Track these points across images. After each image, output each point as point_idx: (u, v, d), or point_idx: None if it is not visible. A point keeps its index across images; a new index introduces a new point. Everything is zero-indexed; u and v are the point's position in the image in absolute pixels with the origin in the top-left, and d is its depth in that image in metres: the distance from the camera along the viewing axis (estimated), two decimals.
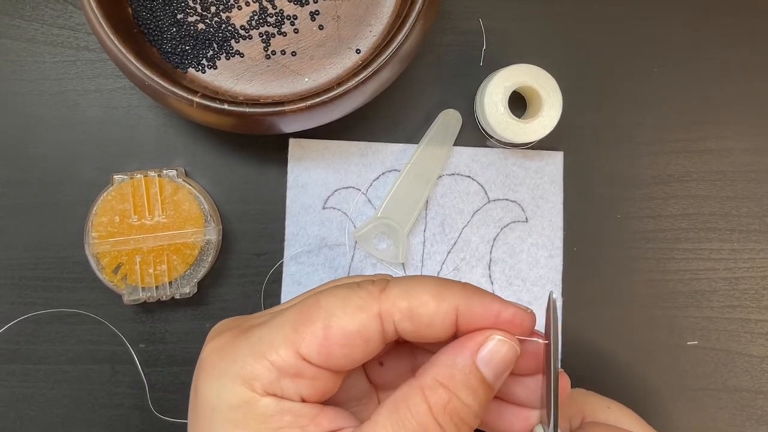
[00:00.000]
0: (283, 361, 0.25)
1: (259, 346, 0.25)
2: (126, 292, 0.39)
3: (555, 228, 0.43)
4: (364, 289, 0.26)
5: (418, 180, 0.42)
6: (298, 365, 0.25)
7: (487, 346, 0.26)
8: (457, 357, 0.26)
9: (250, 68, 0.40)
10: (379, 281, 0.27)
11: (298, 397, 0.26)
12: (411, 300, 0.26)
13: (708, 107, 0.44)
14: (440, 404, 0.25)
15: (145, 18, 0.40)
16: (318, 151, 0.42)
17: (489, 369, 0.26)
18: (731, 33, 0.44)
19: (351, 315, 0.25)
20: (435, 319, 0.26)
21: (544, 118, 0.40)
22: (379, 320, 0.25)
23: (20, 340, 0.42)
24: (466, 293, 0.26)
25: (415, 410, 0.25)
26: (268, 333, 0.26)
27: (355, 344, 0.25)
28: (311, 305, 0.26)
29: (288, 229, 0.42)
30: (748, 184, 0.44)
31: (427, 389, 0.25)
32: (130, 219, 0.39)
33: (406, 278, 0.27)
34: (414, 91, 0.43)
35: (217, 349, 0.27)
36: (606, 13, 0.44)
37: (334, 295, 0.26)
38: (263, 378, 0.25)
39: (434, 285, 0.26)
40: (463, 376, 0.25)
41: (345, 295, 0.26)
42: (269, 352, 0.25)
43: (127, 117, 0.42)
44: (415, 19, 0.36)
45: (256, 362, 0.25)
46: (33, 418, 0.42)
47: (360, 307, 0.25)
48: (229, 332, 0.27)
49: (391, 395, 0.26)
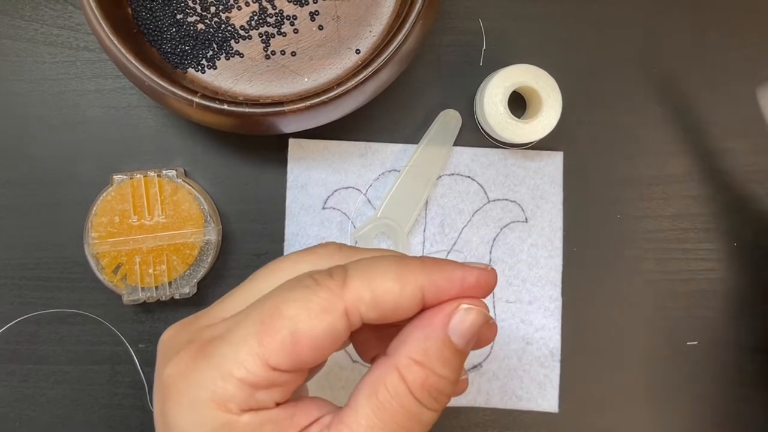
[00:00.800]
0: (255, 377, 0.24)
1: (226, 365, 0.24)
2: (126, 293, 0.39)
3: (555, 228, 0.43)
4: (325, 288, 0.25)
5: (418, 180, 0.42)
6: (269, 376, 0.24)
7: (457, 316, 0.26)
8: (428, 332, 0.25)
9: (250, 68, 0.40)
10: (336, 273, 0.26)
11: (273, 403, 0.25)
12: (374, 290, 0.25)
13: (708, 107, 0.44)
14: (418, 382, 0.25)
15: (145, 18, 0.40)
16: (318, 151, 0.42)
17: (460, 337, 0.26)
18: (731, 33, 0.44)
19: (317, 318, 0.24)
20: (400, 302, 0.25)
21: (543, 118, 0.40)
22: (345, 317, 0.25)
23: (20, 340, 0.42)
24: (427, 269, 0.26)
25: (393, 391, 0.25)
26: (230, 349, 0.25)
27: (324, 345, 0.25)
28: (272, 314, 0.25)
29: (288, 229, 0.42)
30: (748, 184, 0.44)
31: (402, 368, 0.25)
32: (130, 219, 0.39)
33: (363, 263, 0.26)
34: (414, 92, 0.43)
35: (180, 373, 0.25)
36: (606, 13, 0.44)
37: (294, 299, 0.25)
38: (237, 397, 0.24)
39: (394, 267, 0.26)
40: (437, 350, 0.25)
41: (306, 297, 0.25)
42: (238, 369, 0.24)
43: (126, 117, 0.43)
44: (415, 20, 0.36)
45: (227, 383, 0.24)
46: (33, 418, 0.42)
47: (324, 309, 0.25)
48: (186, 350, 0.26)
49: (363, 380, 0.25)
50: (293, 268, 0.28)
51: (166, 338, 0.28)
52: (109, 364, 0.42)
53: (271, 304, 0.25)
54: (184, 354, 0.25)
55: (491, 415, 0.42)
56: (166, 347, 0.27)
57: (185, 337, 0.27)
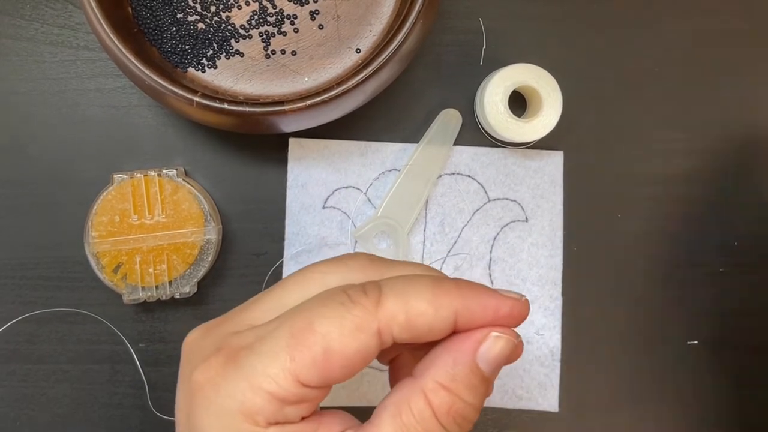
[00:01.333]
0: (285, 392, 0.24)
1: (256, 378, 0.24)
2: (126, 292, 0.39)
3: (555, 227, 0.43)
4: (359, 306, 0.25)
5: (418, 179, 0.42)
6: (298, 392, 0.24)
7: (486, 344, 0.26)
8: (457, 357, 0.25)
9: (250, 68, 0.40)
10: (370, 290, 0.25)
11: (298, 418, 0.25)
12: (408, 312, 0.25)
13: (707, 107, 0.44)
14: (444, 407, 0.25)
15: (145, 17, 0.40)
16: (318, 150, 0.42)
17: (488, 365, 0.26)
18: (731, 33, 0.44)
19: (350, 336, 0.24)
20: (433, 326, 0.25)
21: (544, 118, 0.40)
22: (378, 336, 0.25)
23: (20, 339, 0.42)
24: (462, 294, 0.26)
25: (419, 415, 0.25)
26: (261, 361, 0.24)
27: (355, 362, 0.25)
28: (304, 329, 0.25)
29: (288, 228, 0.42)
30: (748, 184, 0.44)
31: (429, 392, 0.25)
32: (130, 218, 0.39)
33: (399, 282, 0.26)
34: (414, 91, 0.43)
35: (209, 379, 0.25)
36: (606, 12, 0.44)
37: (328, 315, 0.25)
38: (265, 411, 0.24)
39: (429, 289, 0.25)
40: (464, 376, 0.25)
41: (340, 314, 0.25)
42: (268, 383, 0.24)
43: (127, 116, 0.43)
44: (415, 19, 0.36)
45: (256, 396, 0.24)
46: (33, 417, 0.42)
47: (358, 327, 0.24)
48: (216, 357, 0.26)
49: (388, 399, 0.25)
50: (323, 279, 0.28)
51: (191, 341, 0.28)
52: (109, 363, 0.42)
53: (303, 318, 0.25)
54: (214, 361, 0.25)
55: (491, 414, 0.42)
56: (192, 351, 0.27)
57: (213, 342, 0.27)
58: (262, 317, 0.27)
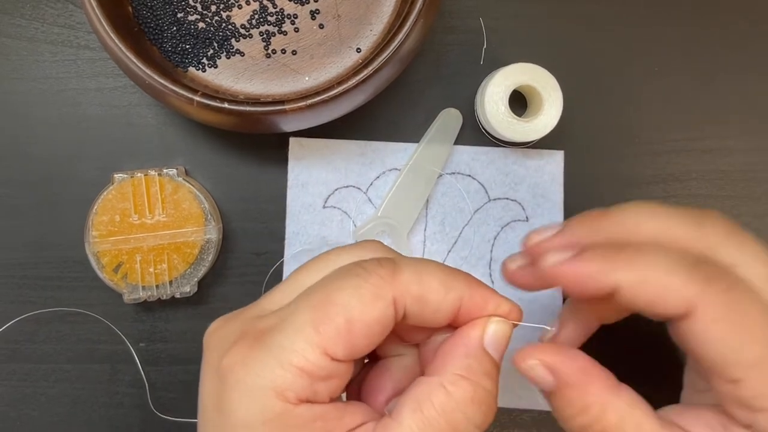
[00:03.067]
0: (314, 365, 0.25)
1: (285, 354, 0.25)
2: (126, 291, 0.39)
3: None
4: (375, 275, 0.25)
5: (419, 179, 0.42)
6: (326, 366, 0.25)
7: (490, 330, 0.27)
8: (468, 348, 0.26)
9: (251, 67, 0.40)
10: (385, 262, 0.26)
11: (327, 398, 0.26)
12: (422, 286, 0.26)
13: (708, 107, 0.44)
14: (467, 397, 0.25)
15: (146, 17, 0.40)
16: (318, 150, 0.42)
17: (495, 350, 0.27)
18: (731, 33, 0.44)
19: (369, 305, 0.25)
20: (442, 305, 0.26)
21: (544, 117, 0.40)
22: (394, 305, 0.25)
23: (20, 339, 0.42)
24: (470, 284, 0.27)
25: (440, 408, 0.25)
26: (288, 338, 0.25)
27: (375, 332, 0.25)
28: (325, 301, 0.25)
29: (288, 228, 0.42)
30: (748, 184, 0.44)
31: (449, 385, 0.25)
32: (131, 218, 0.39)
33: (414, 261, 0.27)
34: (414, 90, 0.43)
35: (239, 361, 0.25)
36: (606, 12, 0.44)
37: (346, 286, 0.25)
38: (296, 386, 0.25)
39: (442, 272, 0.27)
40: (479, 363, 0.26)
41: (358, 284, 0.25)
42: (297, 358, 0.24)
43: (127, 116, 0.43)
44: (416, 18, 0.36)
45: (286, 372, 0.24)
46: (33, 417, 0.42)
47: (376, 295, 0.25)
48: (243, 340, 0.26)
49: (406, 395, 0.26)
50: (336, 261, 0.28)
51: (214, 330, 0.28)
52: (109, 363, 0.42)
53: (322, 292, 0.26)
54: (242, 344, 0.26)
55: None
56: (217, 339, 0.27)
57: (236, 328, 0.27)
58: (282, 301, 0.27)
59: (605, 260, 0.27)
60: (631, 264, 0.27)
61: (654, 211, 0.29)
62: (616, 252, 0.27)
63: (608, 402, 0.27)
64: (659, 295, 0.26)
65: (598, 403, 0.27)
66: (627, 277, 0.27)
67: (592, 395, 0.27)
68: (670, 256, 0.27)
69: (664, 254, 0.27)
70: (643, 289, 0.27)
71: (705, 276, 0.26)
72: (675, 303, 0.26)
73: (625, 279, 0.27)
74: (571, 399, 0.28)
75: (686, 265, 0.26)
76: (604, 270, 0.27)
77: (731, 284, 0.26)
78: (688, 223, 0.29)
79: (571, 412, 0.28)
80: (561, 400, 0.28)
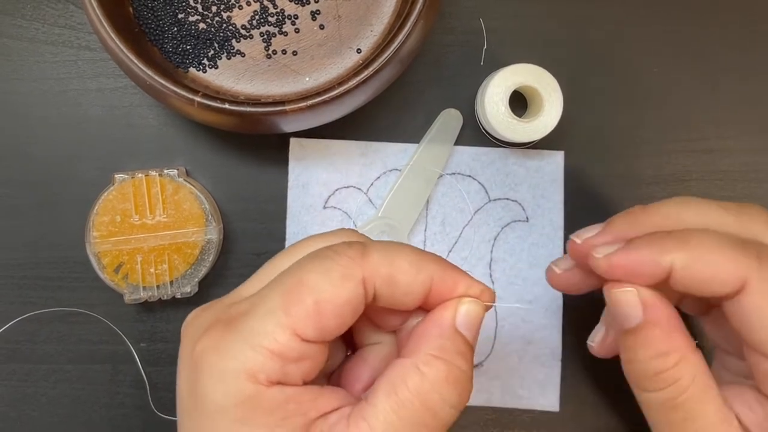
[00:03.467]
0: (284, 346, 0.25)
1: (255, 337, 0.25)
2: (127, 292, 0.39)
3: (555, 227, 0.43)
4: (344, 256, 0.26)
5: (419, 179, 0.42)
6: (297, 347, 0.25)
7: (462, 310, 0.27)
8: (441, 329, 0.27)
9: (251, 68, 0.40)
10: (355, 245, 0.26)
11: (300, 380, 0.26)
12: (392, 267, 0.26)
13: (708, 107, 0.44)
14: (442, 377, 0.25)
15: (147, 17, 0.40)
16: (319, 150, 0.42)
17: (468, 330, 0.27)
18: (731, 33, 0.44)
19: (339, 286, 0.25)
20: (413, 287, 0.26)
21: (544, 118, 0.40)
22: (363, 286, 0.26)
23: (21, 339, 0.42)
24: (441, 265, 0.27)
25: (415, 389, 0.25)
26: (259, 321, 0.25)
27: (346, 313, 0.26)
28: (295, 284, 0.25)
29: (289, 228, 0.42)
30: (748, 184, 0.44)
31: (423, 365, 0.26)
32: (132, 218, 0.39)
33: (384, 243, 0.27)
34: (415, 91, 0.43)
35: (211, 346, 0.26)
36: (606, 13, 0.44)
37: (316, 268, 0.26)
38: (267, 368, 0.25)
39: (413, 253, 0.27)
40: (452, 343, 0.26)
41: (327, 266, 0.26)
42: (267, 340, 0.25)
43: (128, 116, 0.43)
44: (416, 19, 0.36)
45: (257, 354, 0.25)
46: (34, 417, 0.42)
47: (345, 276, 0.25)
48: (215, 327, 0.26)
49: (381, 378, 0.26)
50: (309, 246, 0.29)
51: (190, 320, 0.29)
52: (110, 363, 0.42)
53: (293, 275, 0.26)
54: (213, 330, 0.26)
55: (492, 414, 0.42)
56: (192, 328, 0.28)
57: (211, 316, 0.27)
58: (256, 288, 0.28)
59: (656, 245, 0.28)
60: (683, 244, 0.27)
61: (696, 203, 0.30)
62: (666, 236, 0.28)
63: (688, 355, 0.27)
64: (713, 272, 0.27)
65: (679, 352, 0.27)
66: (680, 258, 0.27)
67: (676, 342, 0.27)
68: (720, 236, 0.27)
69: (713, 234, 0.28)
70: (697, 267, 0.27)
71: (756, 253, 0.27)
72: (728, 279, 0.27)
73: (679, 259, 0.27)
74: (654, 340, 0.28)
75: (737, 243, 0.27)
76: (657, 254, 0.27)
77: None
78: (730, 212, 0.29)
79: (649, 354, 0.28)
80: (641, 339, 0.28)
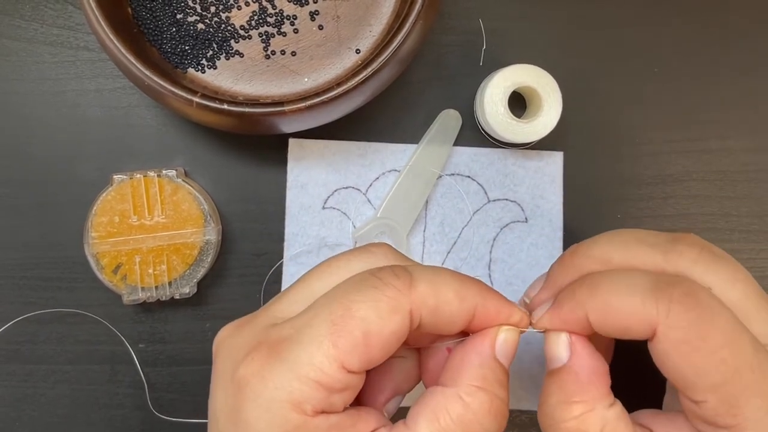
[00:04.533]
0: (331, 379, 0.25)
1: (302, 368, 0.25)
2: (126, 292, 0.39)
3: (555, 228, 0.43)
4: (392, 288, 0.26)
5: (418, 180, 0.42)
6: (343, 378, 0.25)
7: (500, 339, 0.27)
8: (482, 358, 0.27)
9: (250, 68, 0.40)
10: (401, 273, 0.26)
11: (342, 407, 0.26)
12: (438, 297, 0.26)
13: (708, 107, 0.44)
14: (485, 408, 0.26)
15: (145, 18, 0.40)
16: (318, 151, 0.42)
17: (505, 358, 0.27)
18: (731, 33, 0.44)
19: (386, 319, 0.25)
20: (456, 317, 0.26)
21: (544, 118, 0.40)
22: (410, 318, 0.26)
23: (20, 340, 0.42)
24: (483, 293, 0.27)
25: (458, 419, 0.25)
26: (305, 351, 0.25)
27: (392, 344, 0.26)
28: (343, 315, 0.25)
29: (288, 229, 0.42)
30: (748, 184, 0.44)
31: (466, 396, 0.26)
32: (130, 219, 0.39)
33: (428, 271, 0.27)
34: (414, 91, 0.43)
35: (255, 373, 0.25)
36: (606, 13, 0.44)
37: (363, 299, 0.25)
38: (313, 399, 0.25)
39: (457, 282, 0.27)
40: (492, 373, 0.26)
41: (375, 297, 0.25)
42: (314, 372, 0.25)
43: (126, 117, 0.43)
44: (415, 19, 0.36)
45: (304, 385, 0.25)
46: (33, 418, 0.42)
47: (393, 309, 0.25)
48: (258, 351, 0.26)
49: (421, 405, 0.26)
50: (347, 267, 0.28)
51: (225, 337, 0.28)
52: (109, 364, 0.42)
53: (340, 303, 0.26)
54: (257, 355, 0.26)
55: None
56: (229, 348, 0.27)
57: (250, 337, 0.27)
58: (295, 309, 0.27)
59: (573, 298, 0.27)
60: (592, 292, 0.27)
61: (624, 240, 0.29)
62: (579, 286, 0.27)
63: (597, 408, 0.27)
64: (621, 321, 0.26)
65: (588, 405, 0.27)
66: (591, 306, 0.27)
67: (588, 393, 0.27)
68: (631, 278, 0.26)
69: (625, 276, 0.27)
70: (607, 314, 0.26)
71: (667, 296, 0.25)
72: (638, 325, 0.26)
73: (591, 308, 0.27)
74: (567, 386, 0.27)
75: (647, 286, 0.26)
76: (573, 307, 0.27)
77: (696, 304, 0.25)
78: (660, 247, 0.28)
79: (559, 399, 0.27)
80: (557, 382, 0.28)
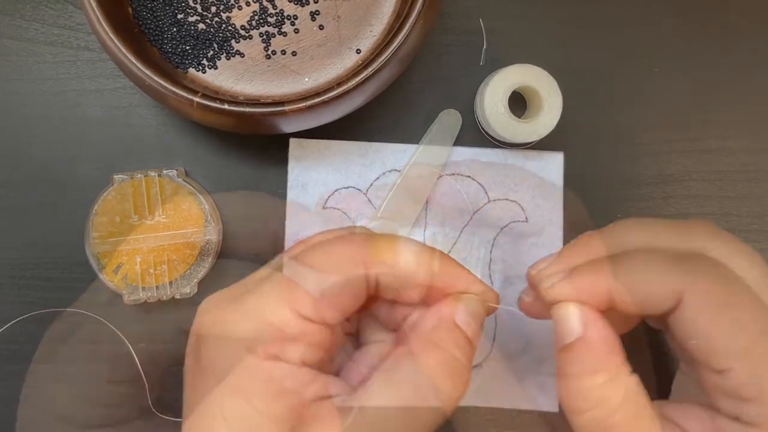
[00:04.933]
0: (283, 322, 0.26)
1: (257, 312, 0.26)
2: (126, 292, 0.39)
3: (555, 228, 0.43)
4: (348, 241, 0.27)
5: (418, 180, 0.42)
6: (296, 324, 0.26)
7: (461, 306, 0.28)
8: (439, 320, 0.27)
9: (251, 68, 0.40)
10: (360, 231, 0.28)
11: (299, 360, 0.26)
12: (395, 255, 0.27)
13: (708, 107, 0.44)
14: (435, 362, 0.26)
15: (146, 18, 0.40)
16: (318, 150, 0.42)
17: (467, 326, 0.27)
18: (731, 33, 0.44)
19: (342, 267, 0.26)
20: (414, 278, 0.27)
21: (544, 118, 0.40)
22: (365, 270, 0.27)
23: (20, 340, 0.42)
24: (444, 260, 0.28)
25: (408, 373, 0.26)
26: (262, 297, 0.26)
27: (348, 297, 0.26)
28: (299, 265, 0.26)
29: (288, 228, 0.42)
30: (748, 184, 0.44)
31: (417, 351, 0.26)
32: (131, 219, 0.39)
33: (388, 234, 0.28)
34: (414, 91, 0.43)
35: (215, 321, 0.27)
36: (606, 13, 0.44)
37: (321, 251, 0.27)
38: (264, 340, 0.26)
39: (416, 245, 0.28)
40: (448, 334, 0.27)
41: (331, 249, 0.27)
42: (268, 315, 0.26)
43: (127, 117, 0.43)
44: (416, 19, 0.36)
45: (256, 325, 0.26)
46: (33, 418, 0.41)
47: (349, 259, 0.26)
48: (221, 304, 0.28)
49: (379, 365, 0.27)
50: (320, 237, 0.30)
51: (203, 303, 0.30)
52: (109, 363, 0.42)
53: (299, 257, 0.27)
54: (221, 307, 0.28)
55: (491, 414, 0.42)
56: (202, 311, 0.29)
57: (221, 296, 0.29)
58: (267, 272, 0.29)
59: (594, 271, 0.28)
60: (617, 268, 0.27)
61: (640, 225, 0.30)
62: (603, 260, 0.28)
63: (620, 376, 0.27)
64: (646, 290, 0.27)
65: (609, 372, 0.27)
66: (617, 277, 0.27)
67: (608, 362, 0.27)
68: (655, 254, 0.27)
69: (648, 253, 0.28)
70: (633, 288, 0.27)
71: (691, 267, 0.26)
72: (662, 296, 0.26)
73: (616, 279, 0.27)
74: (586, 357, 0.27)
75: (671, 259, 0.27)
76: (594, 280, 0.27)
77: (718, 274, 0.26)
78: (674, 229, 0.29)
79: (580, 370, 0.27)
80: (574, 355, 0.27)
